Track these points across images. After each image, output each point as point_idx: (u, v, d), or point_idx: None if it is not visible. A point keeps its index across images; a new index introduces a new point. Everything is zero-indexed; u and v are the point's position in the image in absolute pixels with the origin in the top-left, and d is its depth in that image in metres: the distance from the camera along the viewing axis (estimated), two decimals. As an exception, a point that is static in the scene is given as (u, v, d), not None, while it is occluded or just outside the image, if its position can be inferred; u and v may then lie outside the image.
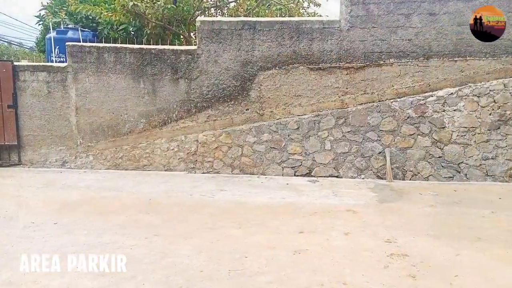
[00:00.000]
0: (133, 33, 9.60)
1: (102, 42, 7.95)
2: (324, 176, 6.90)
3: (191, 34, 10.04)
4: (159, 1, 8.46)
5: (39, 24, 11.36)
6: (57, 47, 8.87)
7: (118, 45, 7.43)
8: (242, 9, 9.95)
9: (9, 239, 4.14)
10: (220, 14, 11.10)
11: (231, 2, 10.90)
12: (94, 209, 5.17)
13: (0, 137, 7.65)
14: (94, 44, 7.65)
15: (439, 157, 6.57)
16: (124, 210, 5.15)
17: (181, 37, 10.15)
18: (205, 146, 7.26)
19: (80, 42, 8.02)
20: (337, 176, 6.89)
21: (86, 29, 9.50)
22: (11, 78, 7.56)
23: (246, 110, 7.21)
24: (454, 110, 6.51)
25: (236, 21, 7.12)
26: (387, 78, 6.77)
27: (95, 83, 7.46)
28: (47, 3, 11.06)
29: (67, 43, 7.62)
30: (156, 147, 7.43)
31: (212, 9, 10.82)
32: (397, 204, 5.32)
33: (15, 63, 7.74)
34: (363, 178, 6.79)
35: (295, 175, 7.02)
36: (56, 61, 8.79)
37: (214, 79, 7.21)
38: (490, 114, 6.43)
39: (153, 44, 7.72)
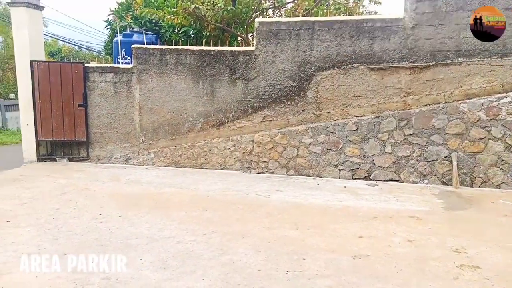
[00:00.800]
0: (193, 35, 9.90)
1: (164, 44, 8.25)
2: (384, 180, 6.62)
3: (249, 35, 10.14)
4: (218, 3, 8.63)
5: (107, 29, 12.10)
6: (123, 49, 9.38)
7: (179, 47, 7.67)
8: (300, 9, 9.87)
9: (79, 229, 4.41)
10: (278, 15, 11.11)
11: (289, 2, 10.86)
12: (155, 204, 5.37)
13: (71, 134, 8.21)
14: (157, 46, 7.97)
15: (514, 163, 6.06)
16: (183, 206, 5.29)
17: (239, 38, 10.29)
18: (261, 146, 7.27)
19: (144, 44, 8.39)
20: (397, 181, 6.59)
21: (150, 32, 9.95)
22: (82, 78, 8.06)
23: (302, 110, 7.13)
24: (532, 113, 5.97)
25: (295, 21, 7.06)
26: (455, 78, 6.37)
27: (157, 83, 7.77)
28: (115, 8, 11.73)
29: (132, 46, 7.98)
30: (213, 146, 7.58)
31: (269, 10, 10.85)
32: (466, 212, 4.97)
33: (86, 65, 8.26)
34: (426, 184, 6.43)
35: (352, 178, 6.81)
36: (122, 63, 9.28)
37: (271, 79, 7.21)
38: None
39: (212, 46, 7.88)
